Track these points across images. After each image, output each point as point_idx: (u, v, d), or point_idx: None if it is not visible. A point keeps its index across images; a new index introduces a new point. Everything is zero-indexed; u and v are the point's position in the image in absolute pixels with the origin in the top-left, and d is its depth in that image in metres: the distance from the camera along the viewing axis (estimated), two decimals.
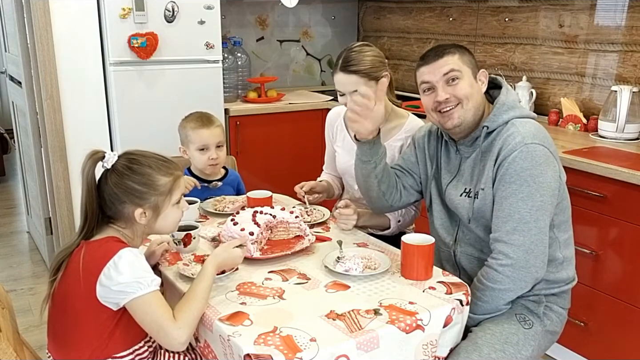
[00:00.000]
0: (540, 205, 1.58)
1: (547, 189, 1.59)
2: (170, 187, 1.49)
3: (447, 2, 3.60)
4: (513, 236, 1.59)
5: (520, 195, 1.58)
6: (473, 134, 1.72)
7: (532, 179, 1.58)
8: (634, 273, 2.21)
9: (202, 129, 2.23)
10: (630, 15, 2.67)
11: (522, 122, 1.65)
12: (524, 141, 1.59)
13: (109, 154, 1.45)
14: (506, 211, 1.60)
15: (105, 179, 1.45)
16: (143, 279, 1.35)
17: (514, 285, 1.60)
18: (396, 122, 2.14)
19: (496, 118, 1.68)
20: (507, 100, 1.69)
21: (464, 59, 1.69)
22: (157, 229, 1.52)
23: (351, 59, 1.98)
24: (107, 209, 1.47)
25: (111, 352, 1.41)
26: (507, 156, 1.60)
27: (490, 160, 1.66)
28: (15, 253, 3.75)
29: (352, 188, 2.26)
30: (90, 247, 1.41)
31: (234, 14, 3.85)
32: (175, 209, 1.52)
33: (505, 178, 1.61)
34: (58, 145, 2.99)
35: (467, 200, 1.73)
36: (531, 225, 1.58)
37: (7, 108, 5.98)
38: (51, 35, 2.87)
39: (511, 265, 1.59)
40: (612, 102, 2.56)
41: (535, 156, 1.58)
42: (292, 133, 3.53)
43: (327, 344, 1.28)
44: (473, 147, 1.73)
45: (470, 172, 1.74)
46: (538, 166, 1.58)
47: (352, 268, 1.58)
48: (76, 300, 1.39)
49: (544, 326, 1.68)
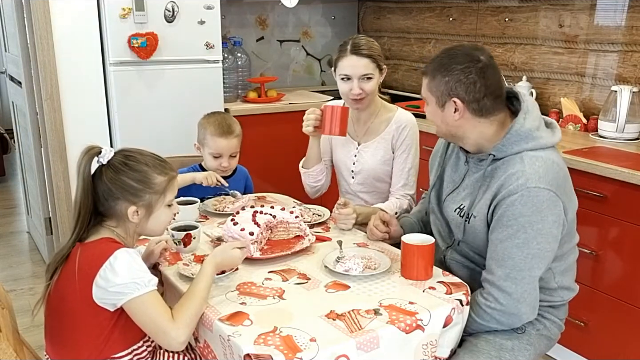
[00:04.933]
0: (536, 253, 1.51)
1: (545, 236, 1.51)
2: (165, 187, 1.49)
3: (447, 2, 3.60)
4: (505, 282, 1.52)
5: (516, 242, 1.50)
6: (481, 155, 1.63)
7: (530, 226, 1.49)
8: (634, 273, 2.21)
9: (221, 138, 2.22)
10: (630, 15, 2.67)
11: (533, 158, 1.52)
12: (527, 184, 1.48)
13: (105, 150, 1.44)
14: (500, 255, 1.53)
15: (101, 175, 1.43)
16: (140, 279, 1.35)
17: (500, 326, 1.58)
18: (386, 116, 2.20)
19: (505, 148, 1.56)
20: (521, 129, 1.55)
21: (430, 85, 1.60)
22: (148, 229, 1.51)
23: (362, 44, 2.06)
24: (99, 205, 1.45)
25: (109, 353, 1.41)
26: (507, 197, 1.50)
27: (489, 191, 1.57)
28: (15, 253, 3.75)
29: (346, 182, 2.27)
30: (86, 249, 1.40)
31: (234, 14, 3.85)
32: (167, 210, 1.51)
33: (503, 221, 1.52)
34: (58, 145, 2.99)
35: (459, 218, 1.68)
36: (525, 274, 1.51)
37: (7, 108, 5.98)
38: (51, 35, 2.87)
39: (501, 310, 1.54)
40: (612, 102, 2.56)
41: (537, 202, 1.48)
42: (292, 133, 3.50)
43: (327, 344, 1.28)
44: (480, 166, 1.64)
45: (470, 190, 1.67)
46: (538, 213, 1.48)
47: (352, 268, 1.58)
48: (73, 303, 1.38)
49: (537, 330, 1.65)
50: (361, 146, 2.21)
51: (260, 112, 3.45)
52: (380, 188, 2.23)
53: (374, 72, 2.07)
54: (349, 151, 2.23)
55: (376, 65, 2.07)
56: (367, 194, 2.25)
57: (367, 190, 2.24)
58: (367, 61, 2.04)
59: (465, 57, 1.56)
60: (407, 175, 2.16)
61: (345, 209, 1.93)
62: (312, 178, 2.26)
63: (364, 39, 2.08)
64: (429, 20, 3.76)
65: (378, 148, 2.18)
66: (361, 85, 2.06)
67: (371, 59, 2.05)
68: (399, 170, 2.16)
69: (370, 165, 2.19)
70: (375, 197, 2.23)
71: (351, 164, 2.23)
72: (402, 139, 2.15)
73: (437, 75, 1.58)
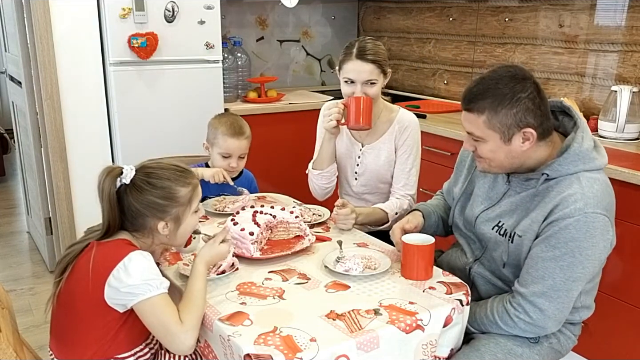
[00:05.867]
0: (579, 277, 1.46)
1: (592, 262, 1.45)
2: (190, 197, 1.50)
3: (447, 2, 3.60)
4: (539, 299, 1.47)
5: (561, 264, 1.44)
6: (529, 174, 1.54)
7: (580, 251, 1.43)
8: (633, 273, 2.21)
9: (232, 138, 2.23)
10: (630, 15, 2.67)
11: (591, 180, 1.45)
12: (584, 209, 1.41)
13: (126, 169, 1.44)
14: (540, 272, 1.47)
15: (125, 195, 1.44)
16: (152, 281, 1.35)
17: (523, 333, 1.55)
18: (388, 117, 2.19)
19: (561, 168, 1.47)
20: (580, 149, 1.47)
21: (492, 122, 1.46)
22: (178, 238, 1.53)
23: (368, 48, 2.03)
24: (128, 224, 1.46)
25: (113, 353, 1.41)
26: (561, 219, 1.43)
27: (541, 211, 1.48)
28: (15, 253, 3.75)
29: (349, 184, 2.26)
30: (101, 249, 1.41)
31: (234, 14, 3.85)
32: (194, 216, 1.53)
33: (551, 241, 1.45)
34: (58, 145, 2.99)
35: (499, 237, 1.60)
36: (561, 294, 1.46)
37: (7, 108, 5.98)
38: (51, 35, 2.87)
39: (529, 323, 1.51)
40: (612, 102, 2.56)
41: (592, 228, 1.41)
42: (292, 133, 3.53)
43: (327, 344, 1.28)
44: (527, 185, 1.56)
45: (511, 208, 1.59)
46: (591, 238, 1.42)
47: (352, 268, 1.58)
48: (83, 301, 1.39)
49: (550, 343, 1.62)
50: (365, 147, 2.20)
51: (260, 112, 3.45)
52: (383, 189, 2.22)
53: (378, 78, 2.06)
54: (353, 153, 2.23)
55: (381, 70, 2.05)
56: (370, 195, 2.24)
57: (370, 192, 2.24)
58: (372, 67, 2.03)
59: (517, 79, 1.45)
60: (408, 176, 2.16)
61: (343, 209, 1.93)
62: (326, 179, 2.22)
63: (370, 42, 2.05)
64: (429, 20, 3.76)
65: (381, 149, 2.18)
66: (365, 89, 2.05)
67: (376, 65, 2.03)
68: (400, 170, 2.16)
69: (374, 166, 2.18)
70: (378, 198, 2.23)
71: (355, 166, 2.23)
72: (404, 139, 2.15)
73: (500, 109, 1.44)
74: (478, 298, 1.68)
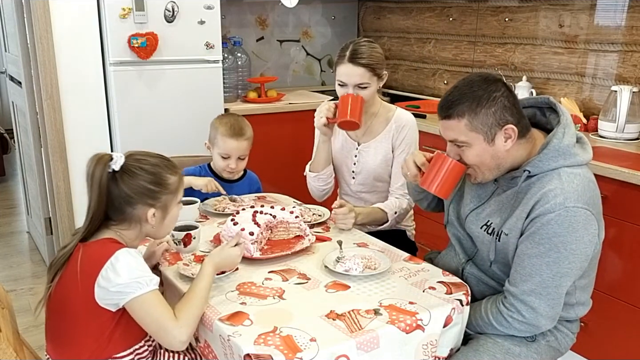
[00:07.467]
0: (566, 272, 1.47)
1: (578, 256, 1.46)
2: (177, 186, 1.50)
3: (447, 2, 3.60)
4: (529, 297, 1.49)
5: (547, 260, 1.45)
6: (513, 172, 1.56)
7: (564, 246, 1.44)
8: (633, 273, 2.21)
9: (231, 139, 2.22)
10: (630, 15, 2.67)
11: (571, 175, 1.46)
12: (565, 203, 1.42)
13: (115, 156, 1.43)
14: (527, 270, 1.48)
15: (115, 181, 1.42)
16: (141, 279, 1.35)
17: (518, 333, 1.56)
18: (385, 116, 2.19)
19: (542, 164, 1.49)
20: (560, 145, 1.48)
21: (474, 124, 1.48)
22: (164, 228, 1.52)
23: (361, 51, 2.02)
24: (113, 213, 1.44)
25: (111, 353, 1.41)
26: (542, 215, 1.44)
27: (523, 208, 1.50)
28: (15, 253, 3.75)
29: (347, 183, 2.27)
30: (87, 250, 1.40)
31: (234, 14, 3.85)
32: (177, 207, 1.54)
33: (535, 237, 1.46)
34: (58, 145, 2.99)
35: (487, 237, 1.62)
36: (551, 290, 1.48)
37: (7, 108, 5.98)
38: (51, 35, 2.87)
39: (523, 322, 1.52)
40: (612, 102, 2.56)
41: (574, 222, 1.43)
42: (292, 133, 3.53)
43: (327, 344, 1.28)
44: (512, 183, 1.58)
45: (498, 207, 1.61)
46: (574, 232, 1.43)
47: (352, 268, 1.58)
48: (74, 303, 1.38)
49: (547, 341, 1.63)
50: (361, 146, 2.21)
51: (260, 112, 3.45)
52: (381, 187, 2.23)
53: (370, 81, 2.04)
54: (349, 152, 2.23)
55: (373, 74, 2.03)
56: (368, 194, 2.25)
57: (367, 190, 2.24)
58: (363, 70, 2.00)
59: (489, 82, 1.50)
60: None
61: (341, 209, 1.92)
62: (323, 181, 2.23)
63: (365, 45, 2.03)
64: (429, 20, 3.76)
65: (378, 148, 2.18)
66: (356, 92, 2.03)
67: (368, 68, 2.01)
68: (398, 170, 2.16)
69: (371, 165, 2.19)
70: (376, 197, 2.23)
71: (352, 165, 2.23)
72: (401, 137, 2.15)
73: (479, 109, 1.47)
74: (472, 299, 1.68)
